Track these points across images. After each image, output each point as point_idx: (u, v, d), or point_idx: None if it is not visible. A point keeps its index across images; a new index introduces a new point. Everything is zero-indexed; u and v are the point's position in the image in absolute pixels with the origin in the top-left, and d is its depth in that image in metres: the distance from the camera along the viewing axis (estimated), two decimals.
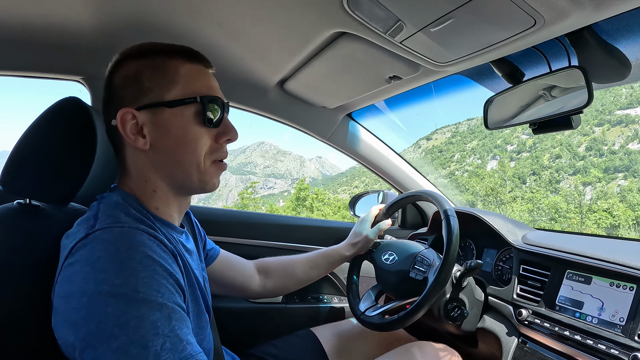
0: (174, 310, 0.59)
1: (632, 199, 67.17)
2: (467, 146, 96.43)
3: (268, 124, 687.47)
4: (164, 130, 0.72)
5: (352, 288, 1.29)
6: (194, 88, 0.74)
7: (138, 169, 0.75)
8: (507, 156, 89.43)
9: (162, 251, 0.63)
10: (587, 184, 75.23)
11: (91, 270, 0.57)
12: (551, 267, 1.12)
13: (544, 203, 30.57)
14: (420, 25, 0.89)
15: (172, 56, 0.74)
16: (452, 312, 1.16)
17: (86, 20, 1.07)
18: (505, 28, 0.86)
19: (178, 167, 0.74)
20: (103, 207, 0.69)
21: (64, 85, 3.62)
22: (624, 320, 0.92)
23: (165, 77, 0.72)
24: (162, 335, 0.56)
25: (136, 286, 0.56)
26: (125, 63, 0.74)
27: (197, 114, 0.73)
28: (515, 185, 36.10)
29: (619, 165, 78.54)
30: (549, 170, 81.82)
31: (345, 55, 1.14)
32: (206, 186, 0.77)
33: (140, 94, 0.71)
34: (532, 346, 1.09)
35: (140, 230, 0.63)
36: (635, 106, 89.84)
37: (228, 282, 1.13)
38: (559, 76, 1.00)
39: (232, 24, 1.08)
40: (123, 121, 0.70)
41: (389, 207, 1.34)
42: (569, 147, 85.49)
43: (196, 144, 0.73)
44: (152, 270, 0.59)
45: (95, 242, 0.60)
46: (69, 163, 0.75)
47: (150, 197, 0.75)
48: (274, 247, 1.67)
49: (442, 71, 1.13)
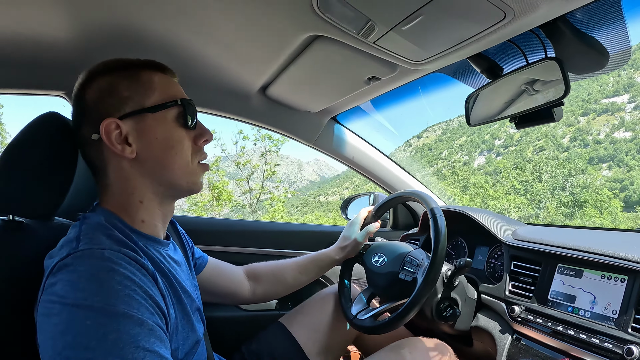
0: (154, 329, 0.60)
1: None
2: (456, 143, 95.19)
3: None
4: (149, 137, 0.73)
5: (343, 292, 1.28)
6: (171, 93, 0.76)
7: (123, 182, 0.74)
8: (495, 151, 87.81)
9: (143, 275, 0.63)
10: (570, 176, 75.09)
11: (71, 289, 0.57)
12: (542, 262, 1.11)
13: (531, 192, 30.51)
14: (390, 24, 0.88)
15: (142, 68, 0.76)
16: (445, 311, 1.14)
17: (62, 34, 1.07)
18: (476, 22, 0.85)
19: (166, 171, 0.75)
20: (85, 229, 0.68)
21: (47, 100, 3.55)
22: (616, 312, 0.90)
23: (141, 85, 0.74)
24: (142, 349, 0.56)
25: (116, 303, 0.57)
26: (96, 79, 0.74)
27: (178, 117, 0.76)
28: (497, 180, 35.59)
29: (604, 155, 76.95)
30: (531, 163, 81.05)
31: (321, 58, 1.14)
32: (194, 187, 0.79)
33: (120, 104, 0.72)
34: (526, 342, 1.07)
35: (122, 254, 0.63)
36: (621, 93, 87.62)
37: (218, 290, 1.12)
38: (536, 69, 1.00)
39: (208, 32, 1.07)
40: (107, 132, 0.70)
41: (377, 209, 1.33)
42: (553, 139, 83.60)
43: (181, 146, 0.76)
44: (132, 290, 0.60)
45: (76, 263, 0.60)
46: (51, 177, 0.75)
47: (136, 210, 0.75)
48: (264, 254, 1.66)
49: (419, 70, 1.12)
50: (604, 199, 29.86)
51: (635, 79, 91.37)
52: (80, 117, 0.75)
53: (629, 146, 76.97)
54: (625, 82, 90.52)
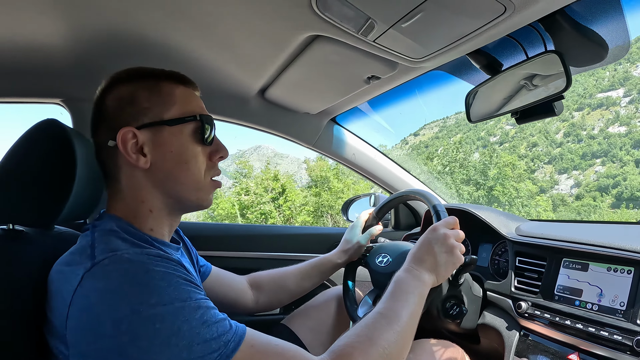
0: (208, 303, 0.64)
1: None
2: (451, 140, 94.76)
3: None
4: (164, 149, 0.73)
5: (348, 294, 1.27)
6: (190, 108, 0.77)
7: (134, 190, 0.74)
8: (490, 148, 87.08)
9: (172, 265, 0.64)
10: (562, 172, 71.81)
11: (116, 297, 0.58)
12: (547, 257, 1.10)
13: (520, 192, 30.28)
14: (390, 21, 0.88)
15: (163, 79, 0.77)
16: (451, 310, 1.13)
17: (61, 42, 1.07)
18: (476, 17, 0.85)
19: (177, 185, 0.75)
20: (98, 236, 0.68)
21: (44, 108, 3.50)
22: (624, 304, 0.90)
23: (162, 97, 0.75)
24: (211, 324, 0.61)
25: (171, 299, 0.59)
26: (117, 86, 0.75)
27: (194, 132, 0.76)
28: (486, 179, 35.06)
29: (597, 150, 75.24)
30: (524, 160, 76.92)
31: (321, 58, 1.13)
32: (203, 203, 0.79)
33: (139, 114, 0.73)
34: (535, 338, 1.06)
35: (145, 254, 0.63)
36: (617, 87, 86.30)
37: (221, 299, 1.11)
38: (536, 63, 1.00)
39: (206, 34, 1.07)
40: (124, 140, 0.71)
41: (378, 210, 1.32)
42: (547, 134, 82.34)
43: (195, 161, 0.76)
44: (175, 282, 0.61)
45: (107, 271, 0.60)
46: (50, 185, 0.75)
47: (145, 219, 0.75)
48: (267, 258, 1.65)
49: (419, 67, 1.12)
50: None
51: (631, 73, 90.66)
52: (99, 122, 0.75)
53: (623, 141, 75.66)
54: (621, 76, 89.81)
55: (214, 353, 0.59)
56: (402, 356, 0.76)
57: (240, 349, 0.61)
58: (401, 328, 0.76)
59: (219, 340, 0.60)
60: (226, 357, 0.59)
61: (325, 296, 1.35)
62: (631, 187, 62.36)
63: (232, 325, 0.64)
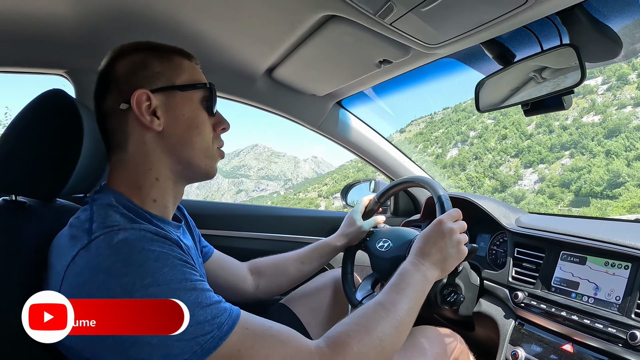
0: (204, 285, 0.64)
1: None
2: (433, 135, 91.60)
3: (262, 125, 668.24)
4: (176, 113, 0.75)
5: (347, 278, 1.28)
6: (198, 77, 0.80)
7: (143, 156, 0.74)
8: (469, 142, 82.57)
9: (168, 245, 0.64)
10: (528, 166, 67.61)
11: (109, 277, 0.57)
12: (546, 249, 1.12)
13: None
14: (410, 4, 0.86)
15: (171, 52, 0.79)
16: (449, 297, 1.15)
17: (66, 12, 1.04)
18: (496, 6, 0.84)
19: (188, 149, 0.77)
20: (97, 209, 0.67)
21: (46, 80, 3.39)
22: (619, 298, 0.92)
23: (173, 65, 0.77)
24: (205, 306, 0.61)
25: (167, 280, 0.59)
26: (128, 53, 0.76)
27: (203, 100, 0.79)
28: (454, 173, 34.00)
29: (567, 141, 71.53)
30: (492, 153, 71.90)
31: (334, 39, 1.12)
32: (211, 170, 0.81)
33: (152, 78, 0.74)
34: (529, 328, 1.08)
35: (143, 230, 0.63)
36: (596, 75, 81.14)
37: (221, 283, 1.12)
38: (550, 56, 0.99)
39: (215, 10, 1.05)
40: (139, 102, 0.72)
41: (380, 195, 1.33)
42: (518, 126, 78.50)
43: (205, 128, 0.79)
44: (170, 263, 0.61)
45: (102, 249, 0.60)
46: (55, 157, 0.73)
47: (150, 188, 0.75)
48: (267, 239, 1.65)
49: (433, 54, 1.12)
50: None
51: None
52: (107, 88, 0.75)
53: (596, 130, 71.74)
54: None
55: (207, 335, 0.59)
56: (396, 348, 0.77)
57: (234, 331, 0.61)
58: (399, 321, 0.77)
59: (212, 323, 0.60)
60: (219, 339, 0.60)
61: (325, 278, 1.36)
62: (591, 181, 59.66)
63: (227, 307, 0.64)
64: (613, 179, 57.40)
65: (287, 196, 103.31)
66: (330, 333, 0.72)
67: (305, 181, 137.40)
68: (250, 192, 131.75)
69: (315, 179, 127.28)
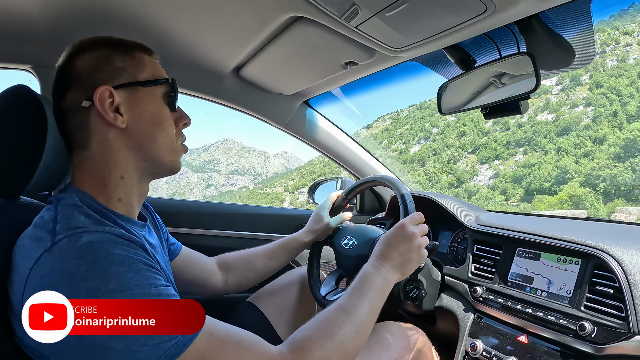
0: (168, 289, 0.64)
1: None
2: (397, 132, 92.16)
3: (232, 120, 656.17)
4: (140, 109, 0.74)
5: (312, 273, 1.29)
6: (159, 73, 0.79)
7: (106, 154, 0.73)
8: (431, 139, 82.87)
9: (133, 248, 0.63)
10: (483, 162, 67.74)
11: (73, 281, 0.56)
12: (503, 246, 1.17)
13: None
14: (375, 9, 0.89)
15: (132, 47, 0.78)
16: (411, 292, 1.18)
17: (34, 7, 1.02)
18: (458, 14, 0.87)
19: (152, 145, 0.76)
20: (61, 209, 0.65)
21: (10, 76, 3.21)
22: (570, 292, 0.97)
23: (135, 60, 0.76)
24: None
25: (131, 285, 0.58)
26: (90, 49, 0.74)
27: (165, 96, 0.78)
28: (413, 168, 34.92)
29: (522, 138, 72.10)
30: (450, 149, 72.49)
31: (301, 40, 1.13)
32: (175, 165, 0.80)
33: (114, 74, 0.73)
34: (487, 321, 1.13)
35: (107, 233, 0.62)
36: (551, 76, 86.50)
37: (190, 279, 1.11)
38: (508, 62, 1.04)
39: (183, 9, 1.04)
40: (102, 99, 0.70)
41: (347, 192, 1.35)
42: (477, 123, 78.76)
43: (168, 124, 0.78)
44: (135, 267, 0.60)
45: (66, 252, 0.58)
46: (19, 154, 0.72)
47: (115, 186, 0.73)
48: (235, 237, 1.65)
49: (397, 57, 1.14)
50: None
51: None
52: (68, 84, 0.72)
53: (549, 128, 72.78)
54: None
55: (171, 341, 0.58)
56: (358, 350, 0.79)
57: (199, 337, 0.61)
58: (360, 324, 0.79)
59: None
60: (183, 345, 0.59)
61: (291, 275, 1.37)
62: (540, 177, 60.58)
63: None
64: (561, 175, 59.05)
65: (255, 191, 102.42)
66: (293, 338, 0.73)
67: (275, 176, 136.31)
68: (220, 186, 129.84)
69: (283, 174, 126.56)
